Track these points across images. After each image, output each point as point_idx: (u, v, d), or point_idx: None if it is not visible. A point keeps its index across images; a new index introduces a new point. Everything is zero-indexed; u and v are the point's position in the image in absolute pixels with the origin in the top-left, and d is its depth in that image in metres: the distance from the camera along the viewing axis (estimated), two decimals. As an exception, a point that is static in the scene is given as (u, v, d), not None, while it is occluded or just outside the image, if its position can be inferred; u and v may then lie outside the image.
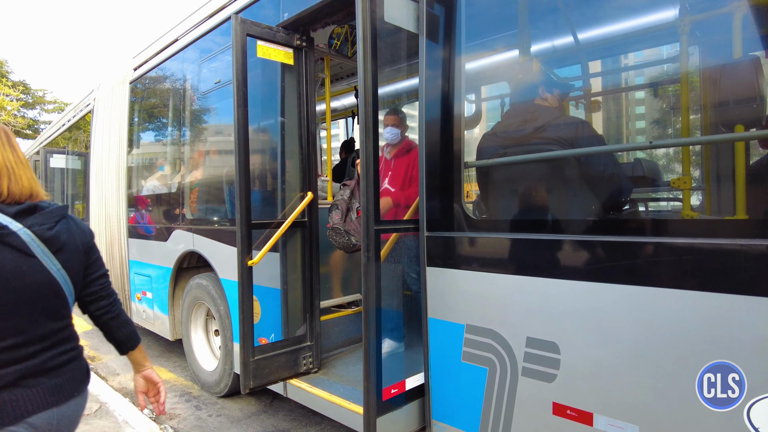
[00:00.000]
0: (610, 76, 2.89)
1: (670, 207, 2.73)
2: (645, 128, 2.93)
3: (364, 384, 2.16)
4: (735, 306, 1.45)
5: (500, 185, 2.25)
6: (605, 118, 2.81)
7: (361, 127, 2.10)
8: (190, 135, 4.30)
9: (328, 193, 3.79)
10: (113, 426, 3.27)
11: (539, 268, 1.89)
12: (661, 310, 1.59)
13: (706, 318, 1.50)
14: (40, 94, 24.58)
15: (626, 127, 2.84)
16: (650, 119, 2.85)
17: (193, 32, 4.09)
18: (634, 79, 2.97)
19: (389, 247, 2.44)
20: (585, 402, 1.75)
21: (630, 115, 2.88)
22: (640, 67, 2.81)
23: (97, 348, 5.50)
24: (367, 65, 2.10)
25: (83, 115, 6.81)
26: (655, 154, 2.79)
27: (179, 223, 4.28)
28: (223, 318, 3.75)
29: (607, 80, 2.91)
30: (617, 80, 2.87)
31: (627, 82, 2.91)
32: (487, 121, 2.76)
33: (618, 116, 2.82)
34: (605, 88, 2.86)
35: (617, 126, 2.81)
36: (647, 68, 2.75)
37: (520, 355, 1.93)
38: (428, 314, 2.27)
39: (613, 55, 2.76)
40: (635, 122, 2.90)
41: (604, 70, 2.84)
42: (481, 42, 2.33)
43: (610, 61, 2.86)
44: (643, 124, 2.91)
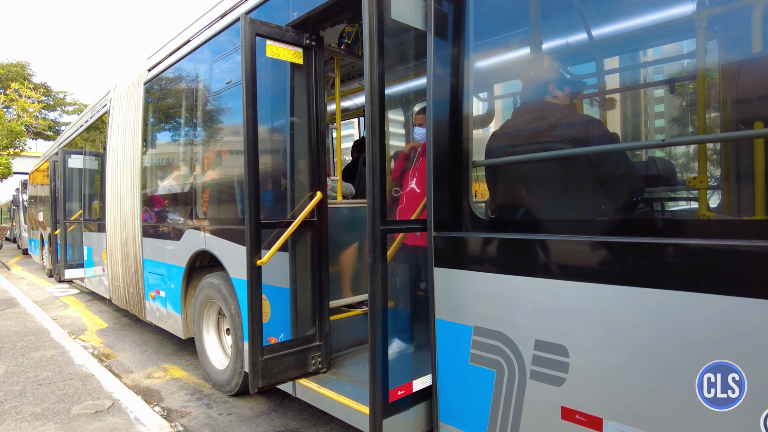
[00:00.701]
0: (624, 72, 2.82)
1: (687, 207, 2.65)
2: (660, 126, 2.85)
3: (369, 385, 2.14)
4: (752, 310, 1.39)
5: (509, 185, 2.21)
6: (618, 116, 2.74)
7: (367, 125, 2.08)
8: (202, 135, 4.33)
9: (338, 193, 3.78)
10: (125, 423, 3.31)
11: (548, 269, 1.85)
12: (674, 313, 1.54)
13: (722, 322, 1.45)
14: (60, 96, 25.12)
15: (641, 125, 2.77)
16: (666, 117, 2.77)
17: (205, 33, 4.12)
18: (650, 76, 2.90)
19: (396, 248, 2.42)
20: (594, 407, 1.71)
21: (645, 113, 2.80)
22: (656, 63, 2.73)
23: (112, 346, 5.58)
24: (373, 63, 2.08)
25: (100, 116, 6.92)
26: (673, 153, 2.72)
27: (191, 222, 4.31)
28: (233, 317, 3.76)
29: (621, 77, 2.84)
30: (631, 77, 2.80)
31: (642, 79, 2.83)
32: (496, 119, 2.72)
33: (632, 114, 2.75)
34: (619, 85, 2.80)
35: (631, 124, 2.74)
36: (662, 64, 2.68)
37: (529, 358, 1.89)
38: (435, 315, 2.24)
39: (628, 52, 2.69)
40: (650, 120, 2.83)
41: (617, 67, 2.77)
42: (489, 39, 2.29)
43: (624, 57, 2.79)
44: (658, 122, 2.84)
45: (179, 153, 4.73)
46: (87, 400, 3.72)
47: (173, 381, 4.35)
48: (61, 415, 3.47)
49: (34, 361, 4.74)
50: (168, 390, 4.12)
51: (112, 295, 6.36)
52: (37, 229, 13.52)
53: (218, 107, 4.16)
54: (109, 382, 4.13)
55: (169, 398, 3.93)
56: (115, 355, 5.22)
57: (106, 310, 7.71)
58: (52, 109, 24.48)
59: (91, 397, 3.80)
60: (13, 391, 3.94)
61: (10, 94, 18.68)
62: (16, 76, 22.50)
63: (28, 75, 23.51)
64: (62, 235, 8.52)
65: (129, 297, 5.73)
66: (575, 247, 1.80)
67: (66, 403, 3.67)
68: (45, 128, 22.74)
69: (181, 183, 4.58)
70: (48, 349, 5.18)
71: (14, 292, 9.32)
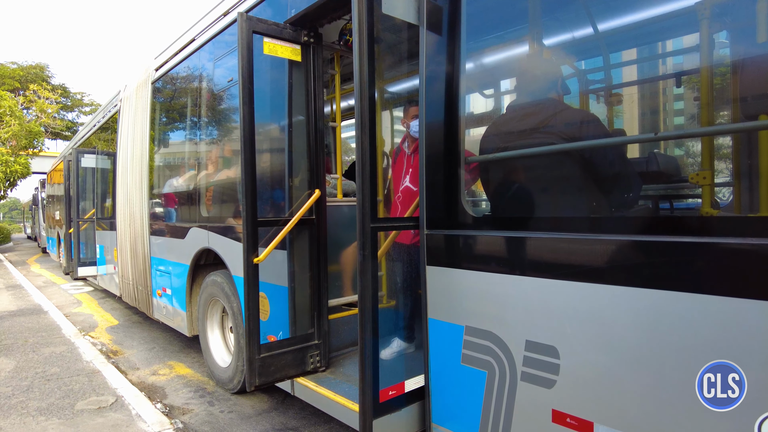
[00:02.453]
0: (625, 67, 2.75)
1: (689, 204, 2.57)
2: (661, 121, 2.78)
3: (360, 385, 2.11)
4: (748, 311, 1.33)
5: (501, 182, 2.16)
6: (616, 111, 2.67)
7: (357, 122, 2.05)
8: (205, 134, 4.34)
9: (338, 191, 3.76)
10: (126, 419, 3.33)
11: (538, 268, 1.80)
12: (668, 314, 1.48)
13: (720, 324, 1.38)
14: (78, 97, 25.58)
15: (639, 120, 2.69)
16: (667, 111, 2.70)
17: (208, 31, 4.14)
18: (653, 70, 2.82)
19: (387, 246, 2.38)
20: (585, 410, 1.66)
21: (645, 108, 2.73)
22: (658, 58, 2.66)
23: (121, 343, 5.64)
24: (363, 59, 2.05)
25: (111, 115, 7.01)
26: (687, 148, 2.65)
27: (196, 220, 4.33)
28: (236, 315, 3.77)
29: (622, 73, 2.77)
30: (630, 72, 2.73)
31: (644, 73, 2.76)
32: (490, 115, 2.66)
33: (630, 109, 2.67)
34: (618, 80, 2.72)
35: (629, 119, 2.67)
36: (664, 58, 2.60)
37: (519, 359, 1.85)
38: (428, 315, 2.20)
39: (628, 46, 2.62)
40: (649, 115, 2.75)
41: (618, 62, 2.70)
42: (484, 33, 2.24)
43: (627, 53, 2.72)
44: (658, 117, 2.76)
45: (185, 152, 4.76)
46: (91, 396, 3.76)
47: (178, 378, 4.38)
48: (65, 410, 3.51)
49: (43, 357, 4.81)
50: (172, 387, 4.15)
51: (123, 292, 6.44)
52: (54, 227, 13.78)
53: (219, 105, 4.17)
54: (115, 378, 4.17)
55: (172, 395, 3.96)
56: (123, 351, 5.28)
57: (117, 307, 7.82)
58: (70, 110, 24.98)
59: (95, 393, 3.84)
60: (21, 386, 4.01)
61: (29, 95, 19.08)
62: (35, 78, 22.99)
63: (47, 77, 24.00)
64: (75, 234, 8.66)
65: (138, 294, 5.79)
66: (567, 245, 1.75)
67: (71, 399, 3.71)
68: (63, 129, 23.20)
69: (187, 181, 4.61)
70: (58, 346, 5.27)
71: (30, 289, 9.51)
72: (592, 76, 2.61)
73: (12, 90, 21.09)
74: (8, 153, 14.99)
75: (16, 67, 24.48)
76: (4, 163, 14.60)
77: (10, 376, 4.25)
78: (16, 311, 7.23)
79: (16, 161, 15.01)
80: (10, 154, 15.03)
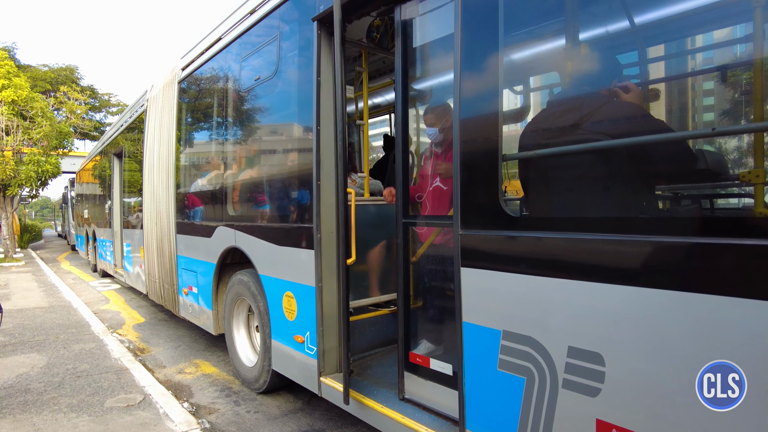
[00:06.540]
0: (671, 61, 2.62)
1: (740, 204, 2.44)
2: (708, 118, 2.64)
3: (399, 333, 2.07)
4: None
5: (542, 180, 2.07)
6: (663, 106, 2.55)
7: (396, 122, 1.99)
8: (233, 133, 4.34)
9: (365, 190, 3.71)
10: (154, 417, 3.34)
11: (582, 270, 1.71)
12: (726, 320, 1.38)
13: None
14: (106, 98, 26.14)
15: (688, 116, 2.57)
16: (717, 108, 2.56)
17: (234, 30, 4.13)
18: (698, 64, 2.69)
19: (427, 245, 2.32)
20: (632, 421, 1.56)
21: (693, 103, 2.60)
22: (703, 50, 2.53)
23: (147, 340, 5.71)
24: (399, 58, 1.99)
25: (138, 115, 7.11)
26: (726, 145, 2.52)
27: (222, 219, 4.34)
28: (262, 314, 3.76)
29: (667, 66, 2.65)
30: (678, 66, 2.60)
31: (690, 67, 2.63)
32: (530, 111, 2.57)
33: (680, 103, 2.55)
34: (665, 73, 2.60)
35: (678, 114, 2.54)
36: (710, 51, 2.47)
37: (561, 366, 1.76)
38: (462, 318, 2.13)
39: (674, 39, 2.50)
40: (698, 112, 2.62)
41: (663, 55, 2.58)
42: (520, 27, 2.15)
43: (670, 45, 2.60)
44: (707, 114, 2.63)
45: (211, 151, 4.77)
46: (120, 394, 3.79)
47: (204, 377, 4.40)
48: (95, 407, 3.54)
49: (74, 354, 4.89)
50: (198, 386, 4.16)
51: (149, 290, 6.52)
52: (83, 225, 14.10)
53: (247, 105, 4.16)
54: (142, 376, 4.20)
55: (198, 394, 3.97)
56: (150, 349, 5.34)
57: (144, 305, 7.93)
58: (98, 111, 25.57)
59: (124, 390, 3.87)
60: (53, 382, 4.07)
61: (59, 97, 19.57)
62: (65, 80, 23.60)
63: (76, 78, 24.61)
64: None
65: (164, 293, 5.85)
66: (613, 247, 1.65)
67: (100, 396, 3.75)
68: (91, 129, 23.75)
69: (213, 180, 4.62)
70: (87, 342, 5.35)
71: (61, 286, 9.73)
72: (633, 71, 2.49)
73: (43, 92, 21.68)
74: (40, 153, 15.37)
75: (48, 69, 25.19)
76: (35, 163, 14.98)
77: (42, 372, 4.32)
78: (47, 308, 7.39)
79: (47, 161, 15.39)
80: (41, 154, 15.42)
